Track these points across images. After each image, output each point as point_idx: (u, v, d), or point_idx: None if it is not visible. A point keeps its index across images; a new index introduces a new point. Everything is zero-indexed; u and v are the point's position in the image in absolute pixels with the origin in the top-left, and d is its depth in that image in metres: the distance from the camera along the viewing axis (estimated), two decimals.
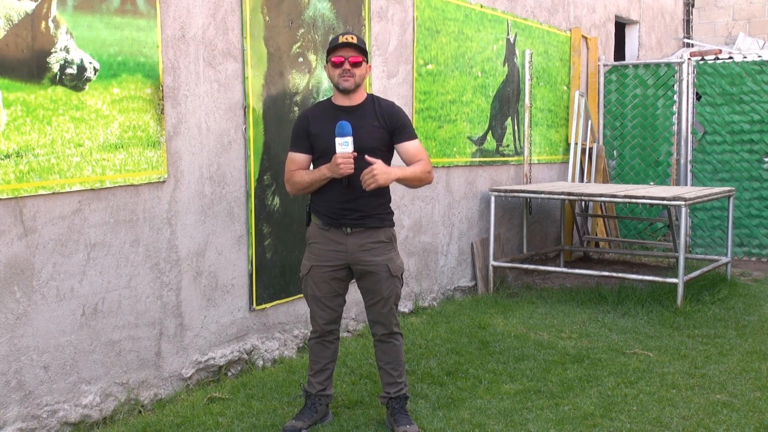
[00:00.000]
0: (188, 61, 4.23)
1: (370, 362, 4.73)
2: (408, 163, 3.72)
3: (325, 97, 5.07)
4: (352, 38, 3.62)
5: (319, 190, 3.68)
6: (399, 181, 3.66)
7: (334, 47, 3.64)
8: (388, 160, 3.71)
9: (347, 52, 3.60)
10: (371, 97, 3.75)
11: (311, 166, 3.75)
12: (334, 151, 3.54)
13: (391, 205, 3.79)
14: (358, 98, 3.69)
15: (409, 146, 3.72)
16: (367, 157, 3.53)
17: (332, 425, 3.85)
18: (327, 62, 3.69)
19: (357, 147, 3.55)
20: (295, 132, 3.77)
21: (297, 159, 3.73)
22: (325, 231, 3.70)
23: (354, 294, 4.10)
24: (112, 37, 3.81)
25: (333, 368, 3.89)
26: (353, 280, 3.81)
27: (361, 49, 3.62)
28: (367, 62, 3.68)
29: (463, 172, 6.72)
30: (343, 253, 3.67)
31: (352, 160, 3.53)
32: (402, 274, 3.78)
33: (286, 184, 3.79)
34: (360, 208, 3.63)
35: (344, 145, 3.52)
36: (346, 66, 3.60)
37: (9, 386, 3.48)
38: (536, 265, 7.28)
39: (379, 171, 3.49)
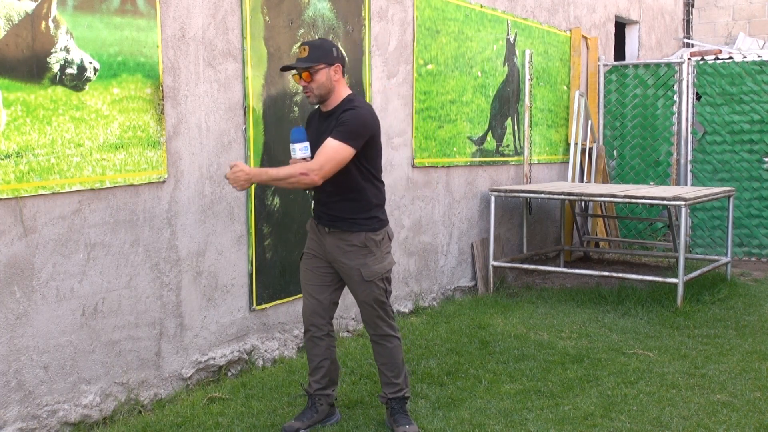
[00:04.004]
0: (188, 61, 4.23)
1: (370, 362, 4.73)
2: None
3: None
4: (304, 51, 3.56)
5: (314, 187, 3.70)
6: (267, 182, 3.65)
7: (283, 68, 3.72)
8: (349, 171, 3.57)
9: (300, 68, 3.56)
10: (345, 101, 3.62)
11: None
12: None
13: (389, 205, 3.77)
14: (331, 103, 3.63)
15: (325, 141, 3.51)
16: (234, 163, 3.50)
17: (332, 425, 3.85)
18: None
19: (314, 154, 3.56)
20: None
21: None
22: (314, 225, 3.79)
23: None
24: (112, 37, 3.81)
25: (329, 366, 3.83)
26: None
27: (313, 58, 3.53)
28: (329, 64, 3.55)
29: (463, 172, 6.72)
30: (323, 248, 3.73)
31: None
32: (383, 279, 3.68)
33: None
34: (331, 212, 3.66)
35: (304, 150, 3.57)
36: (302, 83, 3.59)
37: (9, 386, 3.48)
38: (536, 265, 7.28)
39: (230, 177, 3.43)
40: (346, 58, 3.51)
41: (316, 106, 3.74)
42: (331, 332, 3.85)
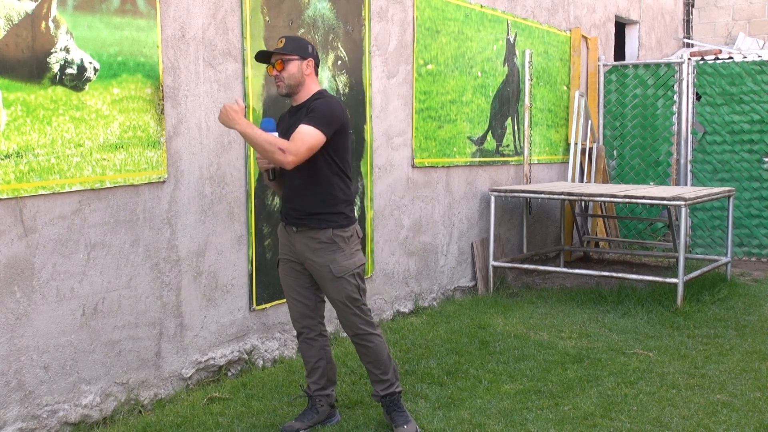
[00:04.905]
0: (188, 61, 4.23)
1: None
2: None
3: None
4: (281, 42, 3.61)
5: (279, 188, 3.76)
6: (243, 136, 3.52)
7: (258, 53, 3.69)
8: (317, 162, 3.55)
9: (274, 57, 3.60)
10: (315, 96, 3.64)
11: None
12: None
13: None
14: (301, 97, 3.65)
15: (298, 127, 3.49)
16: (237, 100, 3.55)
17: (332, 425, 3.85)
18: None
19: None
20: None
21: None
22: (283, 227, 3.78)
23: None
24: (112, 37, 3.81)
25: (325, 366, 3.83)
26: None
27: (288, 48, 3.58)
28: (302, 57, 3.59)
29: (463, 172, 6.72)
30: (294, 250, 3.72)
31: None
32: (355, 276, 3.64)
33: None
34: (299, 207, 3.64)
35: None
36: (274, 72, 3.61)
37: (9, 386, 3.48)
38: (536, 265, 7.28)
39: (222, 110, 3.48)
40: (320, 59, 3.57)
41: (291, 105, 3.73)
42: (324, 332, 3.84)
